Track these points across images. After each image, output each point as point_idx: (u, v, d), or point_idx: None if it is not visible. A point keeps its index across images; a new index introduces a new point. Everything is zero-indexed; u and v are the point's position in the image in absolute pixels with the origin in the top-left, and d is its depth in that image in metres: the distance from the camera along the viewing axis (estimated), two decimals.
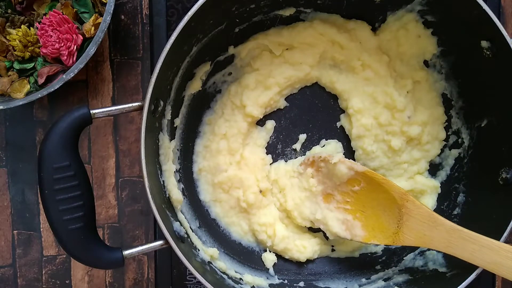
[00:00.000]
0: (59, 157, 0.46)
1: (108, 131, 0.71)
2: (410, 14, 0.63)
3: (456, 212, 0.65)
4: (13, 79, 0.65)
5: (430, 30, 0.64)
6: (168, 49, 0.51)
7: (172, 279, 0.69)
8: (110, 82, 0.71)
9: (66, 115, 0.48)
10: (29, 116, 0.71)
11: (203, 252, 0.61)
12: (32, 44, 0.64)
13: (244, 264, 0.66)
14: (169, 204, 0.60)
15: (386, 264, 0.66)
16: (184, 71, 0.60)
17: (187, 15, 0.51)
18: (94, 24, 0.63)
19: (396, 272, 0.64)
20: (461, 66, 0.63)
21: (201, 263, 0.58)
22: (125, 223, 0.71)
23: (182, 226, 0.60)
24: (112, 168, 0.71)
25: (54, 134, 0.47)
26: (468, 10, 0.54)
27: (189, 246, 0.59)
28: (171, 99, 0.60)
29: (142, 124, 0.50)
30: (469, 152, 0.65)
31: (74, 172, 0.47)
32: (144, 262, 0.71)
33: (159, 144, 0.59)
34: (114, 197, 0.71)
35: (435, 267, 0.61)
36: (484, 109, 0.62)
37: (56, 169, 0.46)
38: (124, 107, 0.51)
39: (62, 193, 0.46)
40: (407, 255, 0.65)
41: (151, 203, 0.51)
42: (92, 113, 0.48)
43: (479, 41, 0.57)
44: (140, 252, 0.51)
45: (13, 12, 0.65)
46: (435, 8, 0.60)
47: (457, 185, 0.66)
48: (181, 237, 0.57)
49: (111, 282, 0.71)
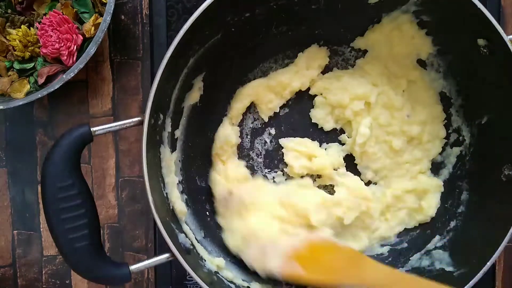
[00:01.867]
0: (62, 177, 0.47)
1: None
2: (405, 15, 0.62)
3: (461, 210, 0.65)
4: (13, 79, 0.65)
5: (424, 31, 0.63)
6: (166, 62, 0.51)
7: (172, 279, 0.69)
8: (110, 82, 0.71)
9: (67, 134, 0.48)
10: (29, 116, 0.71)
11: (209, 262, 0.60)
12: (32, 44, 0.64)
13: (250, 272, 0.65)
14: (173, 216, 0.59)
15: (393, 265, 0.65)
16: (182, 83, 0.59)
17: (182, 28, 0.51)
18: (94, 24, 0.63)
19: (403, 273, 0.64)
20: (459, 64, 0.63)
21: (208, 274, 0.58)
22: (125, 223, 0.71)
23: (187, 238, 0.59)
24: (112, 168, 0.71)
25: (56, 154, 0.47)
26: (463, 9, 0.54)
27: (195, 257, 0.58)
28: (171, 111, 0.60)
29: (143, 139, 0.50)
30: (470, 150, 0.65)
31: (78, 190, 0.47)
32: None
33: (161, 157, 0.58)
34: (114, 197, 0.71)
35: (442, 266, 0.61)
36: (484, 106, 0.62)
37: (60, 189, 0.46)
38: (124, 123, 0.51)
39: (66, 212, 0.46)
40: (413, 255, 0.65)
41: (155, 217, 0.51)
42: (93, 130, 0.49)
43: (475, 39, 0.57)
44: (147, 266, 0.51)
45: (13, 12, 0.65)
46: (430, 8, 0.60)
47: (460, 183, 0.65)
48: (187, 249, 0.57)
49: None
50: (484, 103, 0.62)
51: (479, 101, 0.62)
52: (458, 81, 0.65)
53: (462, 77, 0.64)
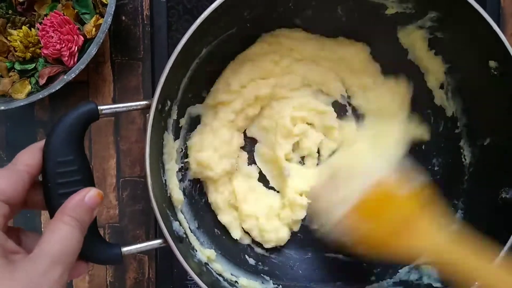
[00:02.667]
0: (64, 151, 0.46)
1: (109, 131, 0.71)
2: (419, 31, 0.62)
3: (453, 228, 0.64)
4: (14, 80, 0.65)
5: (433, 51, 0.63)
6: (179, 50, 0.51)
7: (173, 279, 0.69)
8: (111, 82, 0.71)
9: (74, 110, 0.47)
10: (30, 116, 0.71)
11: (200, 253, 0.61)
12: (33, 45, 0.64)
13: (240, 267, 0.66)
14: (169, 203, 0.60)
15: (381, 276, 0.66)
16: (192, 72, 0.60)
17: (199, 17, 0.51)
18: (95, 25, 0.63)
19: (391, 284, 0.64)
20: (467, 84, 0.62)
21: (198, 264, 0.58)
22: (126, 223, 0.72)
23: (181, 226, 0.60)
24: (113, 168, 0.71)
25: (60, 128, 0.46)
26: (476, 28, 0.54)
27: (187, 246, 0.59)
28: (178, 99, 0.60)
29: (149, 122, 0.50)
30: (470, 170, 0.64)
31: (78, 167, 0.46)
32: (145, 261, 0.72)
33: (164, 143, 0.59)
34: (115, 197, 0.71)
35: (430, 281, 0.61)
36: (488, 127, 0.61)
37: (60, 163, 0.46)
38: (132, 105, 0.51)
39: (64, 188, 0.46)
40: (402, 268, 0.65)
41: (152, 201, 0.51)
42: (100, 109, 0.48)
43: (487, 60, 0.56)
44: (138, 249, 0.51)
45: (14, 13, 0.65)
46: (444, 25, 0.59)
47: (456, 202, 0.65)
48: (179, 236, 0.58)
49: (111, 281, 0.72)
50: (489, 124, 0.61)
51: (484, 122, 0.62)
52: (465, 100, 0.64)
53: (470, 97, 0.63)
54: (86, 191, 0.44)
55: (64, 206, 0.43)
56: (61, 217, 0.42)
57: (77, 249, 0.42)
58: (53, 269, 0.39)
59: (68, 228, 0.41)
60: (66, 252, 0.40)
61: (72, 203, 0.43)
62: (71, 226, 0.42)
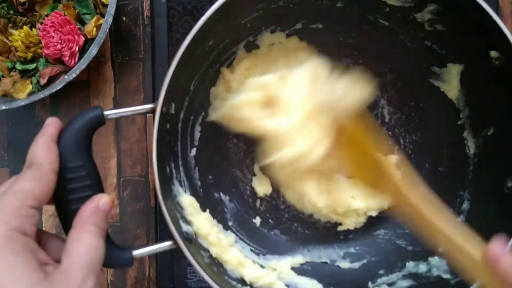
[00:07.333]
0: (73, 157, 0.46)
1: (109, 131, 0.71)
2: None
3: (461, 219, 0.64)
4: (16, 80, 0.65)
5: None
6: (182, 52, 0.50)
7: (173, 278, 0.69)
8: (112, 82, 0.71)
9: (80, 116, 0.47)
10: (31, 116, 0.71)
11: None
12: (34, 45, 0.64)
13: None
14: (178, 205, 0.60)
15: (390, 269, 0.66)
16: (199, 74, 0.60)
17: (199, 21, 0.50)
18: (96, 25, 0.63)
19: (400, 277, 0.64)
20: (469, 75, 0.63)
21: (208, 264, 0.58)
22: (126, 222, 0.72)
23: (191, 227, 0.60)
24: (114, 167, 0.72)
25: (68, 134, 0.46)
26: (477, 19, 0.54)
27: (197, 247, 0.59)
28: (184, 103, 0.60)
29: (155, 126, 0.50)
30: (474, 160, 0.64)
31: (87, 172, 0.47)
32: (145, 260, 0.72)
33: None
34: (116, 196, 0.72)
35: (439, 273, 0.61)
36: (491, 118, 0.61)
37: (69, 169, 0.46)
38: (137, 109, 0.51)
39: (74, 193, 0.46)
40: (409, 261, 0.65)
41: (161, 204, 0.51)
42: (105, 114, 0.48)
43: (488, 50, 0.56)
44: (149, 252, 0.51)
45: (15, 13, 0.66)
46: (444, 17, 0.59)
47: (462, 193, 0.65)
48: (189, 237, 0.58)
49: (112, 280, 0.72)
50: (491, 115, 0.61)
51: (487, 112, 0.62)
52: (468, 92, 0.64)
53: (472, 88, 0.63)
54: (99, 198, 0.44)
55: (81, 215, 0.43)
56: (84, 226, 0.42)
57: (103, 257, 0.42)
58: (88, 280, 0.39)
59: (92, 236, 0.41)
60: (95, 262, 0.41)
61: (88, 211, 0.43)
62: (95, 234, 0.42)
